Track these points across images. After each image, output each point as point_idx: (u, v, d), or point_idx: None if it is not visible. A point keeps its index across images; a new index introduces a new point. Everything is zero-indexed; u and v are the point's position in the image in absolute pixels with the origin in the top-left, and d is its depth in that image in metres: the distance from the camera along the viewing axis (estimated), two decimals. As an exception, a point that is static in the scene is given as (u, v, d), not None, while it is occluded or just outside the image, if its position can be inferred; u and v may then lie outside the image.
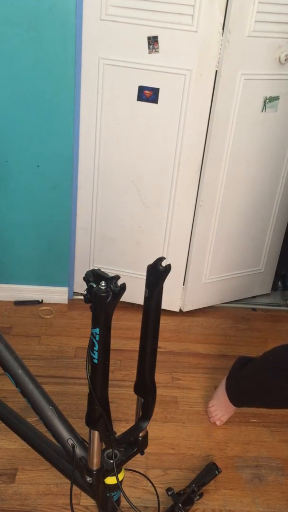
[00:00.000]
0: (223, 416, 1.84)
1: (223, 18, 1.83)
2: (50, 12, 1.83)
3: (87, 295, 1.05)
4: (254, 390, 1.71)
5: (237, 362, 1.82)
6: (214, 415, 1.85)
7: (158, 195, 2.16)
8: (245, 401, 1.79)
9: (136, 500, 1.57)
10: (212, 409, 1.86)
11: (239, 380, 1.76)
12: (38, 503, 1.54)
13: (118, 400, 1.89)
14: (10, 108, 1.99)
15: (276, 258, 2.54)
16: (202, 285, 2.40)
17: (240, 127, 2.05)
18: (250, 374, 1.72)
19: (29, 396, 1.28)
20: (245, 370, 1.75)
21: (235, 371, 1.79)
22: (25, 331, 2.23)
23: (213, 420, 1.85)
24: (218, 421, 1.85)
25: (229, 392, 1.80)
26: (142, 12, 1.84)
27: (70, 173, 2.14)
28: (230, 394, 1.80)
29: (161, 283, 1.15)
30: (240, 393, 1.77)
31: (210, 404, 1.88)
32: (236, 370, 1.79)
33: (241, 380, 1.75)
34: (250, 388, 1.72)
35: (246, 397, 1.77)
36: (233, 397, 1.79)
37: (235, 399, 1.79)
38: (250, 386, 1.72)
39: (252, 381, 1.71)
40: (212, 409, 1.86)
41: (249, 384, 1.72)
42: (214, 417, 1.85)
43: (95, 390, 1.12)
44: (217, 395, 1.86)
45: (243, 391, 1.75)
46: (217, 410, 1.84)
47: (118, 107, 2.01)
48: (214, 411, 1.85)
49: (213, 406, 1.86)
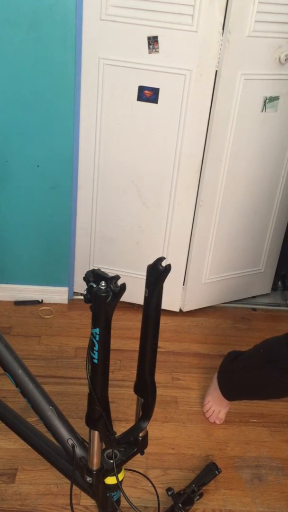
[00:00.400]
0: (220, 411, 1.84)
1: (223, 18, 1.83)
2: (50, 12, 1.83)
3: (87, 295, 1.05)
4: (246, 383, 1.71)
5: (227, 356, 1.82)
6: (211, 411, 1.85)
7: (158, 195, 2.17)
8: (237, 394, 1.80)
9: (136, 500, 1.57)
10: (208, 405, 1.86)
11: (230, 373, 1.77)
12: (38, 503, 1.54)
13: (118, 400, 1.89)
14: (10, 108, 1.99)
15: (276, 258, 2.54)
16: (202, 285, 2.40)
17: (240, 127, 2.05)
18: (241, 367, 1.72)
19: (29, 396, 1.28)
20: (236, 364, 1.75)
21: (226, 365, 1.80)
22: (25, 331, 2.23)
23: (212, 420, 1.86)
24: (217, 419, 1.85)
25: (221, 386, 1.81)
26: (142, 12, 1.84)
27: (70, 173, 2.14)
28: (222, 388, 1.81)
29: (161, 283, 1.15)
30: (232, 386, 1.78)
31: (205, 401, 1.88)
32: (227, 364, 1.80)
33: (233, 374, 1.76)
34: (242, 382, 1.73)
35: (238, 390, 1.78)
36: (225, 390, 1.80)
37: (227, 392, 1.80)
38: (241, 380, 1.73)
39: (243, 374, 1.71)
40: (207, 405, 1.87)
41: (240, 378, 1.73)
42: (211, 414, 1.85)
43: (95, 390, 1.12)
44: (210, 390, 1.87)
45: (235, 384, 1.76)
46: (213, 406, 1.85)
47: (118, 107, 2.01)
48: (210, 407, 1.86)
49: (208, 402, 1.87)
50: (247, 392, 1.76)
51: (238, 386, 1.76)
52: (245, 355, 1.74)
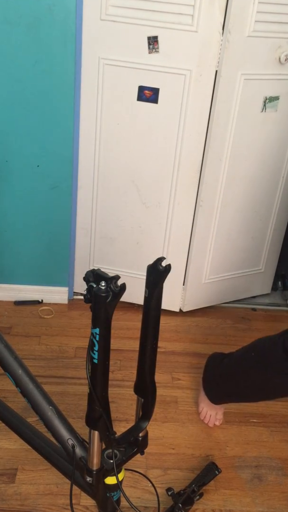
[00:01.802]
0: (217, 414, 1.84)
1: (223, 18, 1.83)
2: (50, 12, 1.83)
3: (87, 295, 1.05)
4: (238, 387, 1.67)
5: (211, 360, 1.80)
6: (208, 417, 1.85)
7: (158, 195, 2.16)
8: (227, 398, 1.78)
9: (136, 500, 1.57)
10: (203, 412, 1.85)
11: (217, 379, 1.75)
12: (38, 503, 1.54)
13: (118, 400, 1.89)
14: (10, 108, 1.99)
15: (276, 258, 2.54)
16: (202, 285, 2.40)
17: (240, 127, 2.05)
18: (231, 372, 1.69)
19: (29, 396, 1.28)
20: (223, 368, 1.72)
21: (212, 369, 1.78)
22: (25, 331, 2.23)
23: (211, 424, 1.85)
24: (216, 421, 1.85)
25: (207, 391, 1.79)
26: (142, 12, 1.84)
27: (70, 173, 2.14)
28: (208, 393, 1.79)
29: (161, 283, 1.15)
30: (220, 391, 1.76)
31: (199, 408, 1.87)
32: (212, 368, 1.78)
33: (221, 378, 1.73)
34: (233, 386, 1.69)
35: (228, 394, 1.75)
36: (212, 395, 1.78)
37: (214, 397, 1.78)
38: (232, 384, 1.69)
39: (234, 378, 1.67)
40: (203, 412, 1.86)
41: (230, 382, 1.69)
42: (209, 419, 1.85)
43: (95, 390, 1.12)
44: (200, 397, 1.86)
45: (225, 389, 1.74)
46: (208, 411, 1.84)
47: (118, 107, 2.01)
48: (206, 413, 1.85)
49: (203, 409, 1.86)
50: (238, 396, 1.73)
51: (229, 390, 1.73)
52: (232, 359, 1.70)
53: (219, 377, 1.74)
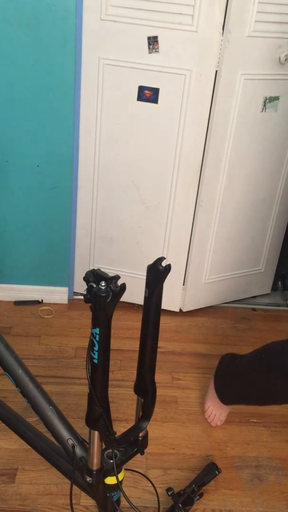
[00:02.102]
0: (221, 414, 1.84)
1: (223, 18, 1.83)
2: (50, 12, 1.83)
3: (87, 295, 1.05)
4: (248, 389, 1.67)
5: (223, 360, 1.80)
6: (213, 416, 1.85)
7: (158, 195, 2.16)
8: (237, 399, 1.78)
9: (136, 500, 1.57)
10: (209, 410, 1.85)
11: (229, 379, 1.75)
12: (38, 503, 1.54)
13: (118, 400, 1.89)
14: (10, 108, 1.99)
15: (276, 258, 2.54)
16: (202, 285, 2.40)
17: (240, 127, 2.05)
18: (241, 373, 1.69)
19: (29, 396, 1.28)
20: (234, 369, 1.73)
21: (223, 369, 1.78)
22: (25, 331, 2.23)
23: (214, 423, 1.85)
24: (219, 421, 1.85)
25: (218, 391, 1.79)
26: (142, 12, 1.84)
27: (70, 173, 2.14)
28: (219, 392, 1.79)
29: (161, 283, 1.15)
30: (231, 392, 1.76)
31: (205, 407, 1.87)
32: (224, 368, 1.78)
33: (232, 379, 1.74)
34: (243, 388, 1.69)
35: (238, 395, 1.75)
36: (223, 395, 1.78)
37: (225, 397, 1.78)
38: (242, 386, 1.69)
39: (245, 380, 1.67)
40: (208, 410, 1.86)
41: (241, 384, 1.69)
42: (213, 419, 1.85)
43: (95, 390, 1.12)
44: (209, 395, 1.86)
45: (235, 390, 1.74)
46: (214, 410, 1.84)
47: (118, 107, 2.01)
48: (211, 412, 1.85)
49: (209, 407, 1.85)
50: (248, 398, 1.73)
51: (239, 392, 1.73)
52: (244, 361, 1.70)
53: (231, 377, 1.75)
